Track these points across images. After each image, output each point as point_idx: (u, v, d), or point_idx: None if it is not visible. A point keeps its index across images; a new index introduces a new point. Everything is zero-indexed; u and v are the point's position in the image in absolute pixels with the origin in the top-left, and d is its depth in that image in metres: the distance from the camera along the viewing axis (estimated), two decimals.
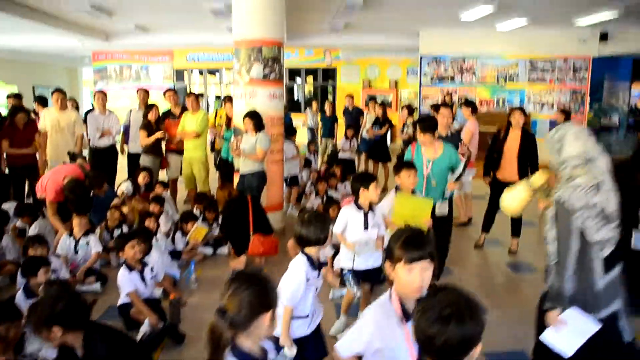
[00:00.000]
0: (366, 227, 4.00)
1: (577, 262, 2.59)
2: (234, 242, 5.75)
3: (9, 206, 6.31)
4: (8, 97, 8.48)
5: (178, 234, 6.01)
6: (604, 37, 12.93)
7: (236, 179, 6.60)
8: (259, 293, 1.82)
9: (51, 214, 5.71)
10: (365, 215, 4.02)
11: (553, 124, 10.26)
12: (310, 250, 2.99)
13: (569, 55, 13.38)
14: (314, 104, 13.05)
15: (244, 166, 6.33)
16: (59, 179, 5.68)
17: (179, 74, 18.41)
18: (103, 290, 5.04)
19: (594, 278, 2.61)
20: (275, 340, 2.22)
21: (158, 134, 7.50)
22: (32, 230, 5.70)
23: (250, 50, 6.58)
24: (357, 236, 4.00)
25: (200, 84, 18.90)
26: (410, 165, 4.48)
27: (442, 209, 4.79)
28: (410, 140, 8.84)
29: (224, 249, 6.14)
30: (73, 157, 6.98)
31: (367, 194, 4.00)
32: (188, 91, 16.84)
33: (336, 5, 10.15)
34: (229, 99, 8.04)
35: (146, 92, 8.40)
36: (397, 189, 4.43)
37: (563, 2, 9.68)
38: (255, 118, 6.22)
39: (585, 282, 2.62)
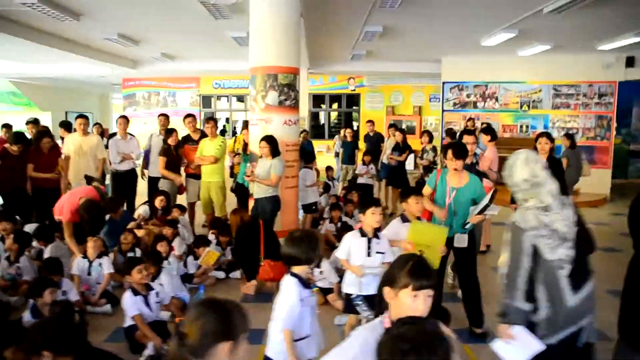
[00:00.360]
0: (369, 254, 3.96)
1: (545, 284, 2.72)
2: (245, 267, 5.78)
3: (31, 228, 6.49)
4: (27, 123, 8.72)
5: (190, 258, 6.06)
6: (630, 61, 12.74)
7: (251, 204, 6.65)
8: (220, 321, 1.76)
9: (68, 235, 5.82)
10: (369, 241, 4.00)
11: (559, 150, 10.10)
12: (299, 269, 2.97)
13: (593, 81, 13.19)
14: (342, 131, 13.02)
15: (258, 191, 6.38)
16: (75, 200, 5.82)
17: (206, 100, 18.78)
18: (114, 312, 5.10)
19: (564, 296, 2.72)
20: None
21: (174, 177, 7.62)
22: (47, 253, 5.82)
23: (266, 77, 6.70)
24: (359, 262, 3.96)
25: (227, 110, 19.25)
26: (419, 191, 4.51)
27: (460, 240, 4.54)
28: (430, 167, 8.83)
29: (237, 274, 6.16)
30: (89, 180, 7.13)
31: (365, 219, 3.99)
32: (215, 117, 17.20)
33: (357, 33, 10.28)
34: (246, 124, 8.14)
35: (166, 117, 8.57)
36: (402, 216, 4.42)
37: (585, 28, 9.61)
38: (271, 143, 6.27)
39: (558, 301, 2.72)
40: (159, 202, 7.21)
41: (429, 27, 9.78)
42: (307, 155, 8.50)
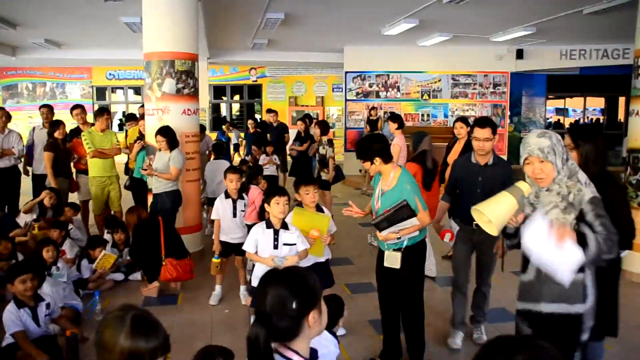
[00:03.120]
0: (276, 247, 3.75)
1: None
2: (145, 268, 5.37)
3: None
4: None
5: (84, 262, 5.52)
6: (520, 53, 13.46)
7: (150, 200, 6.21)
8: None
9: None
10: (276, 232, 3.77)
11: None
12: None
13: (488, 71, 13.80)
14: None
15: (157, 186, 5.96)
16: None
17: (100, 92, 17.63)
18: None
19: None
20: None
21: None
22: None
23: (162, 63, 6.24)
24: (266, 255, 3.74)
25: (123, 103, 18.19)
26: (309, 180, 4.30)
27: (390, 260, 3.61)
28: (325, 161, 8.45)
29: (137, 275, 5.72)
30: None
31: (271, 210, 3.77)
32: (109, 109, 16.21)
33: (257, 20, 9.97)
34: (131, 117, 7.60)
35: (50, 109, 7.82)
36: (299, 205, 4.23)
37: (481, 20, 9.93)
38: (168, 135, 5.87)
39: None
40: (47, 200, 6.51)
41: (331, 15, 9.67)
42: (218, 148, 8.13)
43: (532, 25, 10.21)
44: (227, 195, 5.11)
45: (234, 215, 5.07)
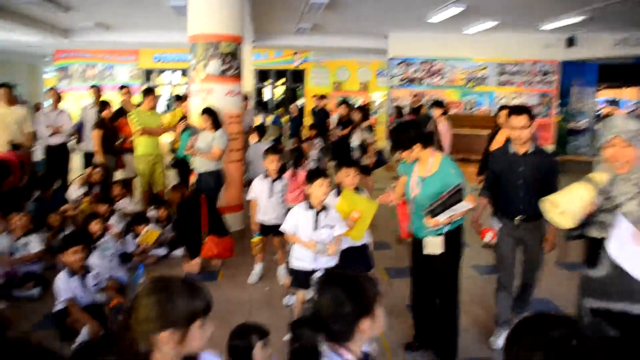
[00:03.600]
0: (316, 228, 3.78)
1: None
2: (188, 245, 5.49)
3: None
4: None
5: (129, 236, 5.70)
6: (570, 41, 13.02)
7: (193, 179, 6.33)
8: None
9: None
10: (317, 214, 3.80)
11: None
12: None
13: (536, 59, 13.43)
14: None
15: (200, 165, 6.08)
16: None
17: (147, 74, 18.00)
18: (41, 297, 4.69)
19: None
20: None
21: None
22: None
23: (207, 45, 6.34)
24: (306, 237, 3.79)
25: (169, 85, 18.52)
26: (350, 163, 4.31)
27: (431, 246, 3.46)
28: (364, 146, 8.43)
29: (179, 251, 5.86)
30: (15, 147, 6.54)
31: (313, 192, 3.80)
32: (157, 92, 16.56)
33: (301, 6, 9.97)
34: (177, 98, 7.72)
35: (98, 89, 8.10)
36: (338, 188, 4.24)
37: (530, 6, 9.66)
38: (212, 115, 5.98)
39: None
40: (95, 176, 6.73)
41: (376, 0, 9.58)
42: (261, 130, 8.21)
43: (585, 11, 9.85)
44: (266, 175, 5.13)
45: (270, 195, 5.08)
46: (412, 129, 3.51)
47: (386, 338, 4.03)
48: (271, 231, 5.08)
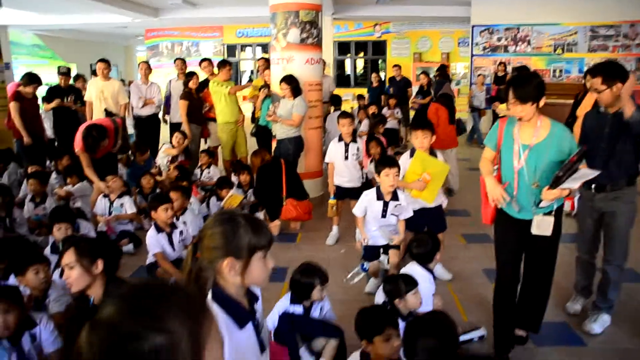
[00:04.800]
0: (384, 216, 3.99)
1: None
2: (268, 207, 5.70)
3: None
4: (59, 74, 8.50)
5: (213, 199, 6.00)
6: None
7: (274, 146, 6.53)
8: (225, 236, 1.67)
9: (85, 165, 5.59)
10: (385, 204, 3.98)
11: None
12: None
13: (636, 20, 12.46)
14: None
15: (280, 132, 6.25)
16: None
17: (230, 50, 18.50)
18: (136, 252, 5.10)
19: None
20: None
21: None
22: (74, 190, 5.84)
23: (287, 14, 6.43)
24: (374, 224, 4.06)
25: (251, 60, 18.93)
26: (421, 125, 4.27)
27: (542, 226, 2.99)
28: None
29: (260, 215, 6.08)
30: (109, 114, 7.00)
31: (381, 182, 3.94)
32: (240, 68, 17.18)
33: None
34: (265, 68, 7.84)
35: (183, 61, 8.46)
36: (412, 151, 4.27)
37: None
38: (292, 83, 6.11)
39: None
40: (176, 141, 7.14)
41: None
42: (336, 100, 8.37)
43: None
44: (340, 139, 5.29)
45: (345, 158, 5.23)
46: (534, 77, 2.96)
47: (459, 298, 4.06)
48: (347, 195, 5.19)
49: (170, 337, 0.88)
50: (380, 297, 3.29)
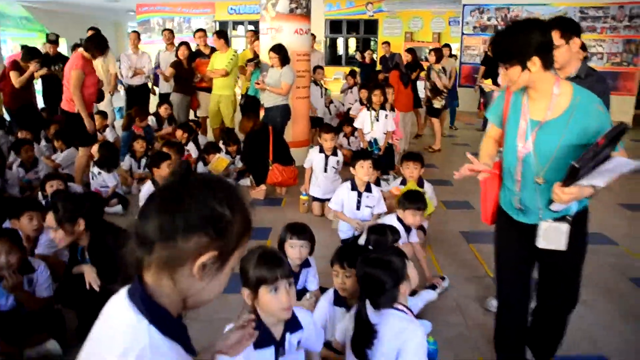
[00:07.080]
0: (358, 208, 4.17)
1: None
2: (254, 172, 5.81)
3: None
4: (47, 42, 8.50)
5: (200, 164, 6.12)
6: None
7: (262, 114, 6.62)
8: None
9: (85, 116, 5.48)
10: (359, 195, 4.15)
11: None
12: None
13: (624, 1, 12.54)
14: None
15: (268, 100, 6.34)
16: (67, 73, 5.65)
17: (222, 27, 18.43)
18: (124, 213, 5.22)
19: None
20: None
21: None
22: (59, 158, 5.96)
23: None
24: (349, 216, 4.20)
25: (243, 37, 18.88)
26: (417, 157, 4.40)
27: (551, 235, 2.15)
28: (436, 89, 8.55)
29: (246, 181, 6.20)
30: None
31: (356, 173, 4.13)
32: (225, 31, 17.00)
33: None
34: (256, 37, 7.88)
35: (171, 32, 8.56)
36: (403, 180, 4.47)
37: None
38: (280, 52, 6.19)
39: None
40: (163, 110, 7.27)
41: None
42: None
43: None
44: (321, 150, 5.25)
45: (325, 170, 5.23)
46: (534, 30, 2.01)
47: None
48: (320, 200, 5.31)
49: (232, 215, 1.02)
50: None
